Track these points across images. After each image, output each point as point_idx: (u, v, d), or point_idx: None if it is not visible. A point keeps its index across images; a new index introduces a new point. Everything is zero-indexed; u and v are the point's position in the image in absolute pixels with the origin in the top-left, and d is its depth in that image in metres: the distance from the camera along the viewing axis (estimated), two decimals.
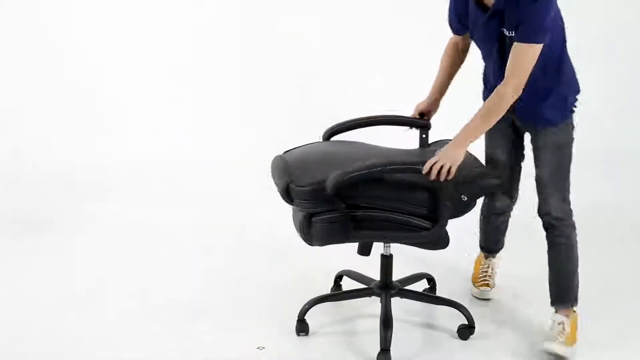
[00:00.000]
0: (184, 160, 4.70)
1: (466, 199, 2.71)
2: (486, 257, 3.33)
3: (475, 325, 2.97)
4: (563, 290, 2.83)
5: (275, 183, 2.76)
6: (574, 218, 2.83)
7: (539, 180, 2.81)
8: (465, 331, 2.97)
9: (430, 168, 2.56)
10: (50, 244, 3.83)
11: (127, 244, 3.84)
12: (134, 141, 4.86)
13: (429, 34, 3.57)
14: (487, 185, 2.81)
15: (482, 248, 3.34)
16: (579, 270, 2.87)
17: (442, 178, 2.56)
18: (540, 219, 2.85)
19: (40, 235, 3.92)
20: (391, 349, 2.79)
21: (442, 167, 2.55)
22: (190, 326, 3.04)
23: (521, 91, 2.55)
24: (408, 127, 3.10)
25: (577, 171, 2.85)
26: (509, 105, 2.58)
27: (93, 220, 4.11)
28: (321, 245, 2.73)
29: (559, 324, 2.80)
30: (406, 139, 3.11)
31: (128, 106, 4.94)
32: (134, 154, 4.76)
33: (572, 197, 2.83)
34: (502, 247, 3.31)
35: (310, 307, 3.01)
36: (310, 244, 2.73)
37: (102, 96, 4.91)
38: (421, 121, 3.07)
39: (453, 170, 2.57)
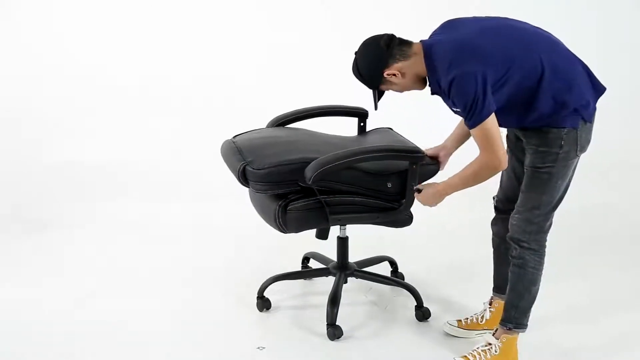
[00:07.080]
0: (184, 161, 4.77)
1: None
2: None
3: (425, 305, 3.11)
4: (507, 308, 2.74)
5: (229, 165, 2.88)
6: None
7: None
8: (418, 312, 3.11)
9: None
10: (50, 244, 3.88)
11: (127, 243, 3.90)
12: (134, 141, 4.92)
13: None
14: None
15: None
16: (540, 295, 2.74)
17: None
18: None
19: (41, 235, 3.97)
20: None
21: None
22: (191, 326, 3.08)
23: (503, 157, 2.52)
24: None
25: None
26: (496, 171, 2.59)
27: (93, 220, 4.20)
28: (296, 232, 2.83)
29: (486, 344, 2.75)
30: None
31: (128, 106, 5.00)
32: (134, 154, 4.84)
33: (569, 198, 2.70)
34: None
35: (269, 285, 3.19)
36: (285, 232, 2.82)
37: (102, 96, 4.97)
38: (358, 110, 3.23)
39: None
